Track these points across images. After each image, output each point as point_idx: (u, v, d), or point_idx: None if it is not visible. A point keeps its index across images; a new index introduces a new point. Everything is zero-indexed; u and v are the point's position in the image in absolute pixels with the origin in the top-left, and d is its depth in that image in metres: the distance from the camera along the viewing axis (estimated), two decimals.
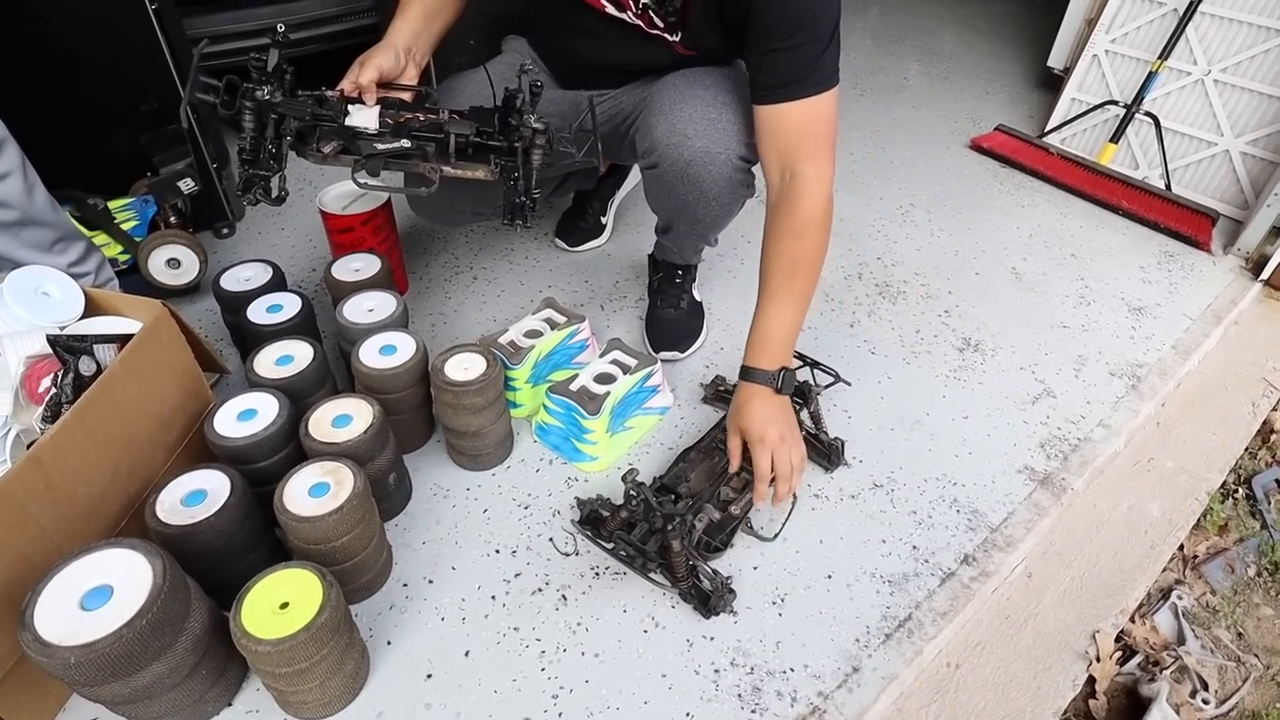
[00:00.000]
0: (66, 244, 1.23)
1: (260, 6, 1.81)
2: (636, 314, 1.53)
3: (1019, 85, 2.66)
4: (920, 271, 1.71)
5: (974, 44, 2.99)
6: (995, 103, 2.52)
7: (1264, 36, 1.85)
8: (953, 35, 3.09)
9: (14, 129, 1.12)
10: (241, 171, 0.98)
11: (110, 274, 1.34)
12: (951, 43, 3.01)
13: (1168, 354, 1.54)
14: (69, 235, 1.23)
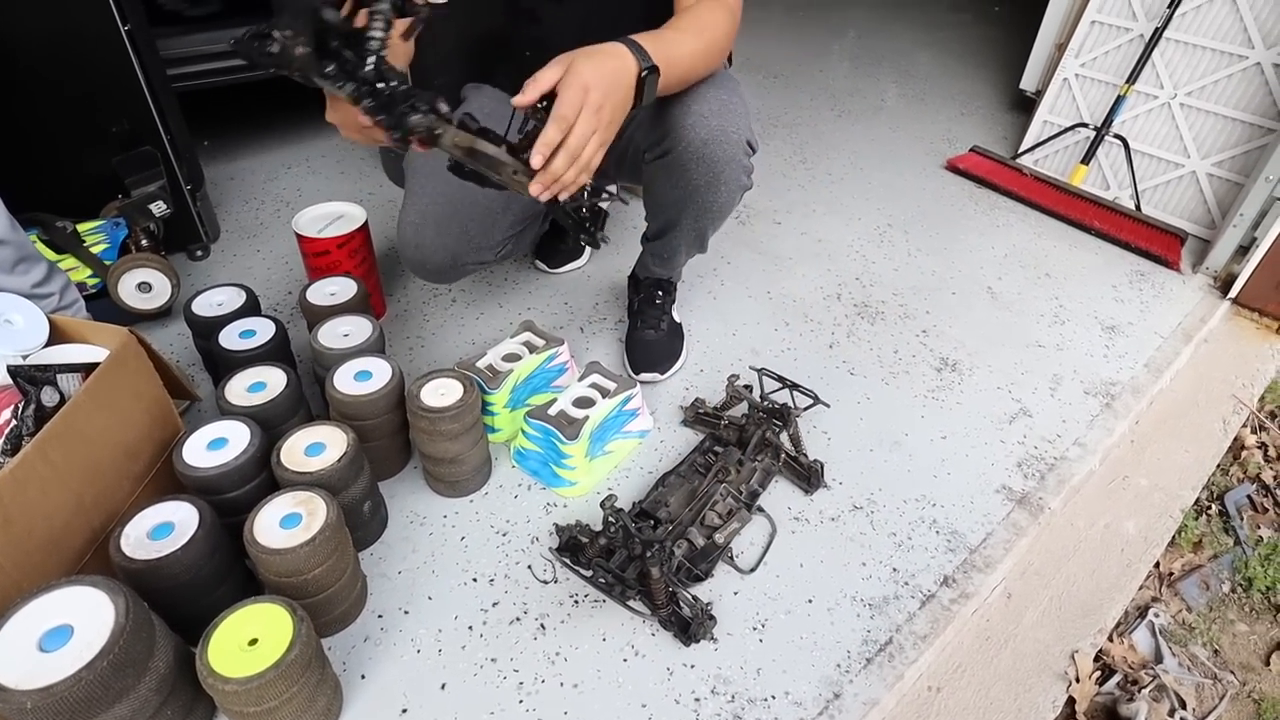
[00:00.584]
0: (29, 264, 1.21)
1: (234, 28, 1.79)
2: (616, 336, 1.53)
3: (993, 107, 2.70)
4: (898, 292, 1.72)
5: (949, 66, 3.04)
6: (970, 124, 2.56)
7: (1227, 62, 1.89)
8: (928, 58, 3.14)
9: None
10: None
11: (76, 295, 1.31)
12: (927, 65, 3.06)
13: (1140, 372, 1.56)
14: (30, 256, 1.21)
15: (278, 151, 2.15)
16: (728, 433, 1.25)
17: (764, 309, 1.64)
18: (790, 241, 1.88)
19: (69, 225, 1.44)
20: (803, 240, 1.88)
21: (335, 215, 1.46)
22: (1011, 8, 3.76)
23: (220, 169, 2.05)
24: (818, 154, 2.29)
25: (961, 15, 3.71)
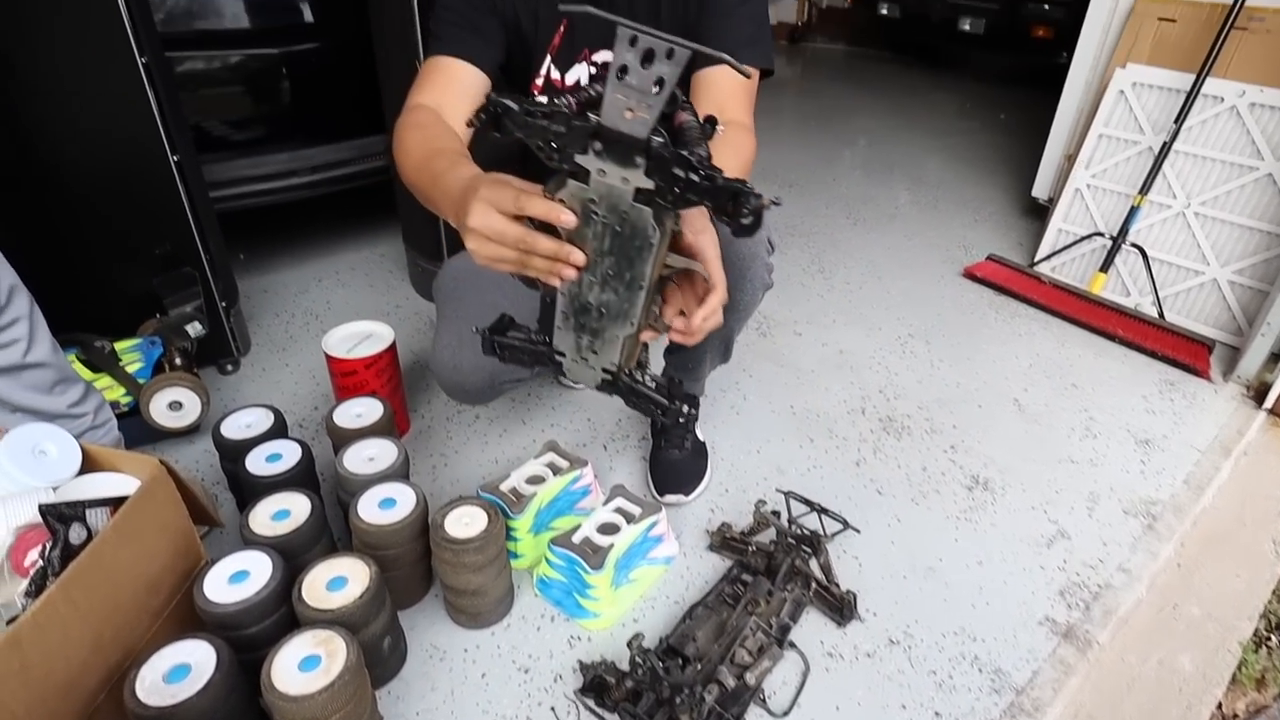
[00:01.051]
0: (66, 385, 1.23)
1: (277, 153, 1.88)
2: (639, 454, 1.52)
3: (1006, 213, 2.75)
4: (923, 405, 1.71)
5: (959, 172, 3.12)
6: (984, 230, 2.60)
7: (1237, 173, 1.92)
8: (938, 164, 3.23)
9: (28, 271, 1.15)
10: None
11: (109, 414, 1.33)
12: (938, 171, 3.14)
13: (1180, 489, 1.52)
14: (68, 378, 1.24)
15: (310, 264, 2.21)
16: (756, 560, 1.22)
17: (788, 424, 1.62)
18: (812, 353, 1.88)
19: (107, 345, 1.47)
20: (824, 352, 1.89)
21: (364, 334, 1.48)
22: (1017, 115, 3.89)
23: (254, 281, 2.11)
24: (835, 262, 2.32)
25: (969, 123, 3.84)
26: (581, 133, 0.66)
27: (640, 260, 0.74)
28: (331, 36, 1.87)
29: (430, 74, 1.07)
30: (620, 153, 0.66)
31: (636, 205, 0.69)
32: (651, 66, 0.60)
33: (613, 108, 0.63)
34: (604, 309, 0.80)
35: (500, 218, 0.72)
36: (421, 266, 1.97)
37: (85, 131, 1.41)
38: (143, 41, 1.39)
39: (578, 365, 0.89)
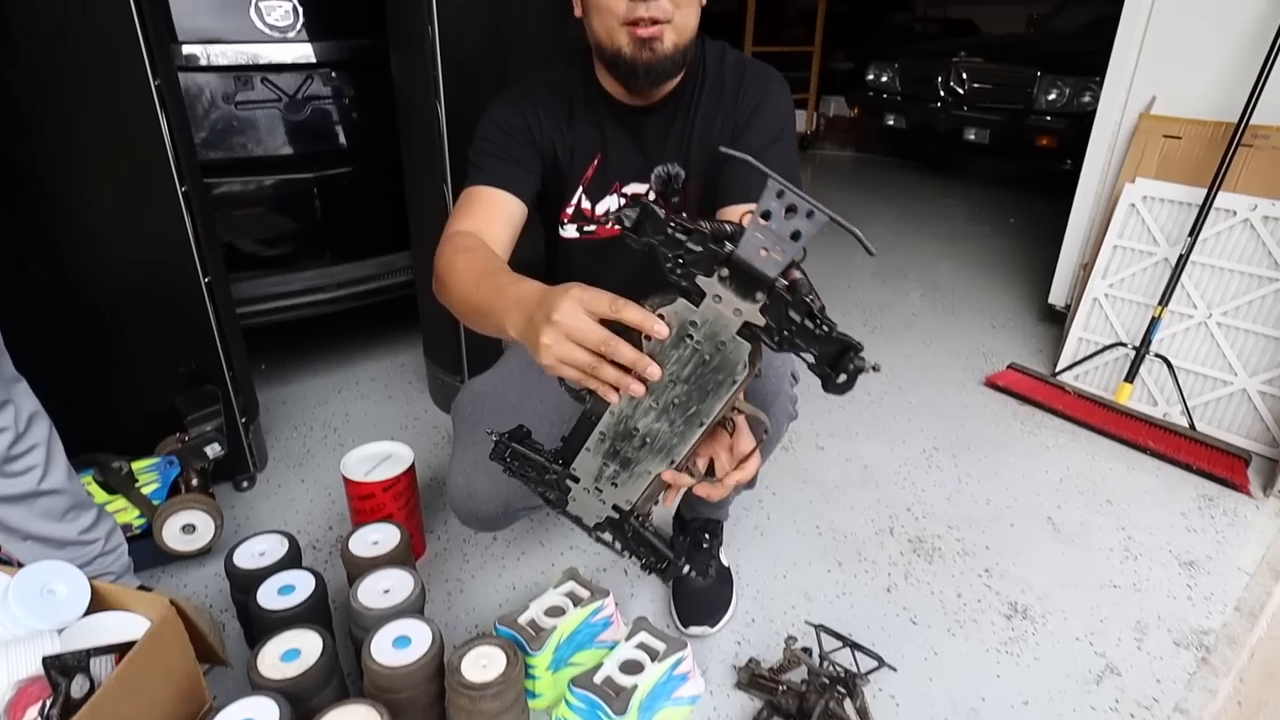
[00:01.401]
0: (78, 512, 1.22)
1: (304, 270, 1.93)
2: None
3: (1023, 318, 2.75)
4: (954, 524, 1.66)
5: (973, 278, 3.15)
6: (1003, 337, 2.60)
7: (1257, 283, 1.92)
8: (951, 269, 3.26)
9: (50, 386, 1.16)
10: None
11: (120, 540, 1.31)
12: (950, 276, 3.17)
13: (1233, 617, 1.44)
14: (81, 503, 1.22)
15: (330, 375, 2.23)
16: (786, 700, 1.15)
17: (814, 546, 1.57)
18: (836, 468, 1.84)
19: (124, 466, 1.46)
20: (848, 467, 1.85)
21: (383, 455, 1.47)
22: (1026, 219, 3.96)
23: (274, 392, 2.12)
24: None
25: (979, 227, 3.91)
26: (714, 257, 0.68)
27: (714, 396, 0.73)
28: (363, 161, 1.94)
29: (471, 202, 1.09)
30: (744, 284, 0.68)
31: (738, 338, 0.70)
32: (792, 219, 0.64)
33: (750, 244, 0.66)
34: (649, 439, 0.78)
35: (587, 318, 0.71)
36: (442, 380, 1.97)
37: (120, 254, 1.45)
38: (184, 171, 1.44)
39: (587, 496, 0.86)
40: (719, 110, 1.14)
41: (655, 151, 1.16)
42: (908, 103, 4.77)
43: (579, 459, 0.84)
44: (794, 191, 0.63)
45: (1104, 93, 2.22)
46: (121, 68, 1.32)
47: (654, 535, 0.87)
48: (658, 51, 1.02)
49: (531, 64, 1.64)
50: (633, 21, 0.99)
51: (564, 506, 0.89)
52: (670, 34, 1.01)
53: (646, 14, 0.98)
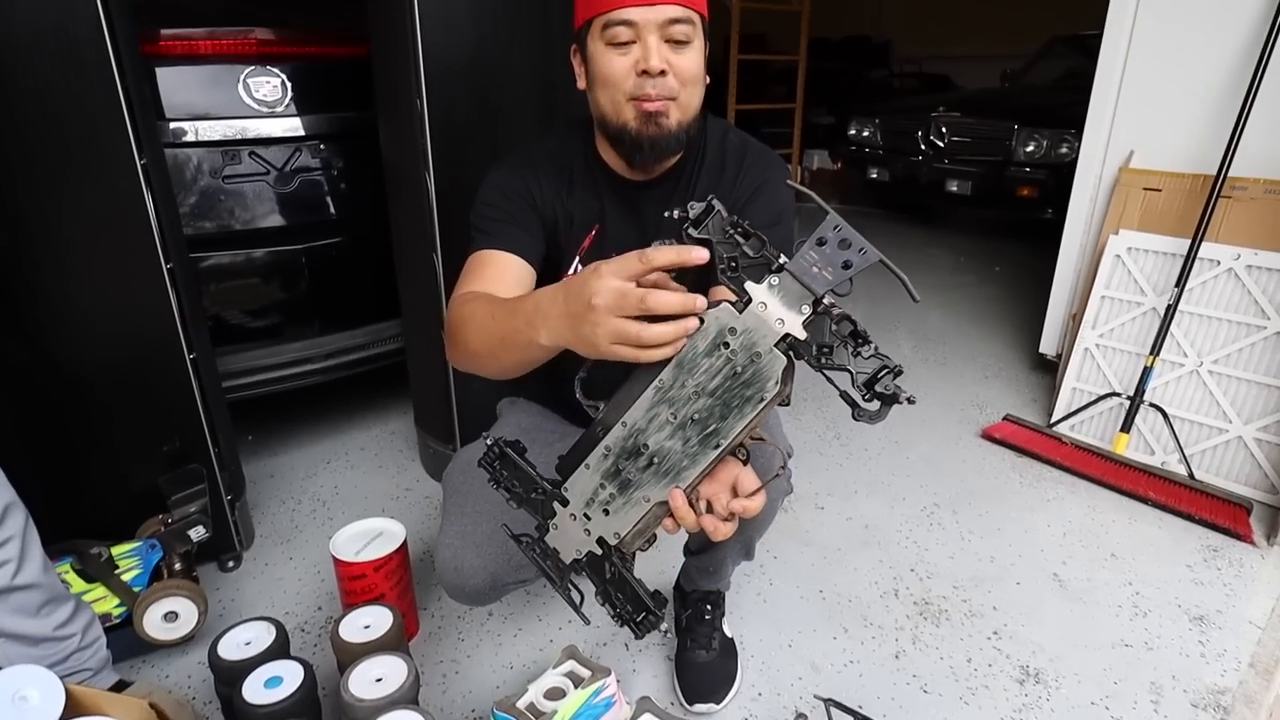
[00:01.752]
0: (54, 606, 1.16)
1: (292, 341, 1.91)
2: (664, 652, 1.42)
3: (1015, 368, 2.75)
4: (959, 584, 1.62)
5: (963, 328, 3.16)
6: (996, 387, 2.59)
7: (1246, 331, 1.93)
8: (940, 319, 3.28)
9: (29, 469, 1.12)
10: None
11: (98, 632, 1.25)
12: (940, 326, 3.18)
13: (1248, 675, 1.41)
14: (57, 597, 1.17)
15: (319, 445, 2.19)
16: None
17: (818, 612, 1.53)
18: (836, 529, 1.81)
19: (104, 552, 1.41)
20: (849, 526, 1.82)
21: (374, 533, 1.43)
22: (1011, 267, 4.01)
23: (261, 465, 2.08)
24: (850, 428, 2.30)
25: (965, 277, 3.94)
26: (767, 264, 0.69)
27: (738, 414, 0.71)
28: (352, 230, 1.94)
29: (479, 266, 1.08)
30: (792, 295, 0.68)
31: (775, 351, 0.69)
32: (844, 252, 0.66)
33: (802, 260, 0.67)
34: (657, 458, 0.75)
35: (624, 285, 0.69)
36: (434, 449, 1.94)
37: (102, 332, 1.42)
38: (169, 247, 1.43)
39: (571, 524, 0.81)
40: (718, 188, 1.14)
41: (653, 227, 1.16)
42: (890, 156, 4.86)
43: (575, 476, 0.79)
44: (849, 229, 0.65)
45: (1083, 147, 2.26)
46: (107, 146, 1.32)
47: (635, 579, 0.81)
48: (663, 127, 1.02)
49: (520, 132, 1.65)
50: (639, 97, 1.00)
51: (542, 536, 0.83)
52: (675, 111, 1.02)
53: (654, 90, 0.99)
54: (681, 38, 0.99)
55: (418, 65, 1.51)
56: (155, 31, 1.65)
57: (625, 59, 0.99)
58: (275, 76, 1.78)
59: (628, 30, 0.98)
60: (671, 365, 0.72)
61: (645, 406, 0.74)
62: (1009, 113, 4.30)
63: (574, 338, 0.74)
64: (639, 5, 0.96)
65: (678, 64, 1.00)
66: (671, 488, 0.75)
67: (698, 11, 1.01)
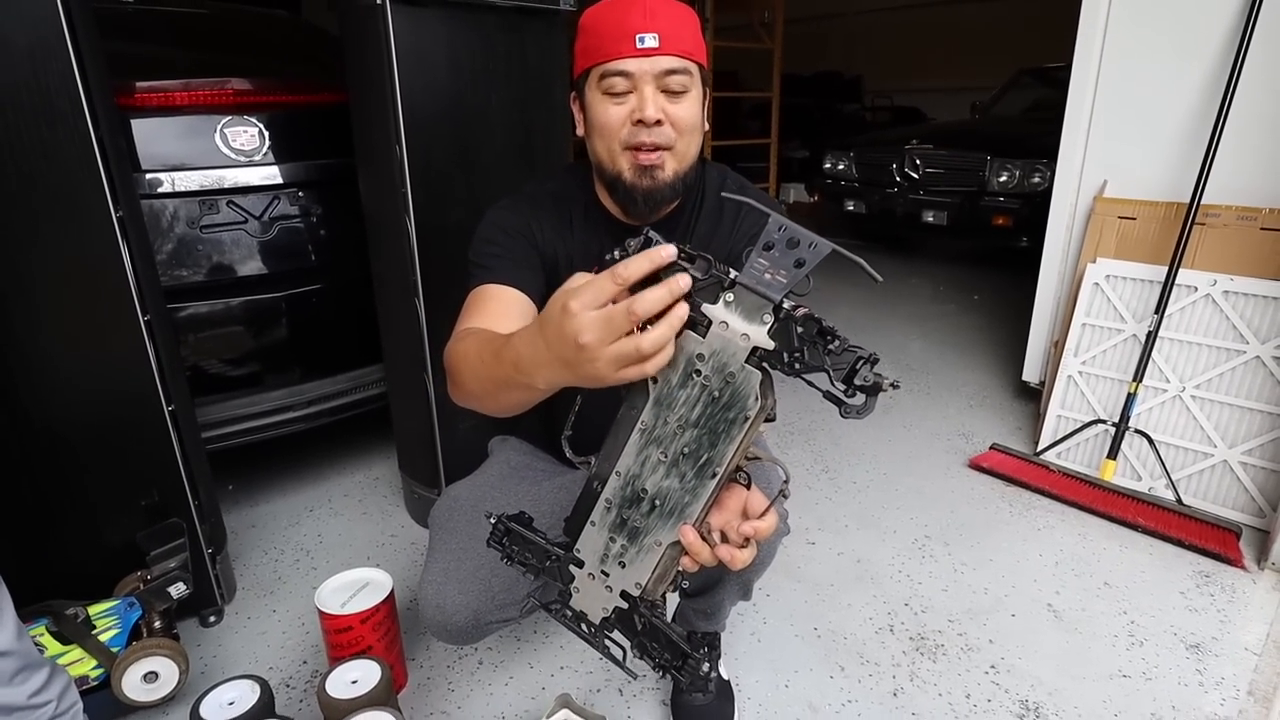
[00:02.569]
0: (29, 673, 1.12)
1: (273, 390, 1.88)
2: (659, 697, 1.39)
3: (999, 395, 2.77)
4: (954, 618, 1.61)
5: (945, 357, 3.18)
6: (981, 416, 2.60)
7: (1226, 356, 1.96)
8: (922, 349, 3.30)
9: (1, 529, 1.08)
10: None
11: (74, 698, 1.20)
12: (922, 356, 3.20)
13: (1247, 703, 1.40)
14: (31, 663, 1.13)
15: (301, 493, 2.15)
16: None
17: (814, 651, 1.51)
18: (828, 564, 1.80)
19: (80, 612, 1.37)
20: (841, 561, 1.80)
21: (360, 584, 1.40)
22: (990, 294, 4.05)
23: (242, 516, 2.04)
24: (839, 461, 2.29)
25: (945, 306, 3.98)
26: (718, 282, 0.66)
27: (726, 438, 0.69)
28: (332, 277, 1.93)
29: (479, 301, 1.05)
30: (750, 307, 0.65)
31: (747, 367, 0.67)
32: (795, 250, 0.63)
33: (753, 269, 0.65)
34: (659, 500, 0.73)
35: (604, 313, 0.65)
36: (418, 494, 1.91)
37: (78, 386, 1.39)
38: (146, 299, 1.41)
39: (592, 584, 0.79)
40: (715, 234, 1.14)
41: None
42: (865, 188, 4.94)
43: (583, 536, 0.78)
44: (796, 227, 0.63)
45: (1057, 177, 2.30)
46: (82, 198, 1.30)
47: (667, 626, 0.79)
48: (658, 179, 1.02)
49: (499, 178, 1.66)
50: (634, 146, 1.00)
51: (567, 601, 0.82)
52: (671, 161, 1.02)
53: (649, 139, 0.99)
54: (678, 88, 1.00)
55: (396, 113, 1.52)
56: (130, 84, 1.65)
57: (621, 109, 1.00)
58: (253, 126, 1.78)
59: (624, 81, 0.98)
60: (650, 405, 0.71)
61: (635, 451, 0.73)
62: (981, 144, 4.39)
63: (575, 378, 0.71)
64: (635, 57, 0.97)
65: (674, 114, 1.00)
66: (680, 526, 0.73)
67: (695, 61, 1.02)
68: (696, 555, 0.74)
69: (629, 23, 0.97)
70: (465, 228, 1.18)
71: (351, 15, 1.56)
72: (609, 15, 1.00)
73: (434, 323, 1.67)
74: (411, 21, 1.49)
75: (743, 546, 0.74)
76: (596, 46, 1.00)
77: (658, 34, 0.97)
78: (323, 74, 1.98)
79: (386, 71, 1.50)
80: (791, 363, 0.65)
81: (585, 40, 1.02)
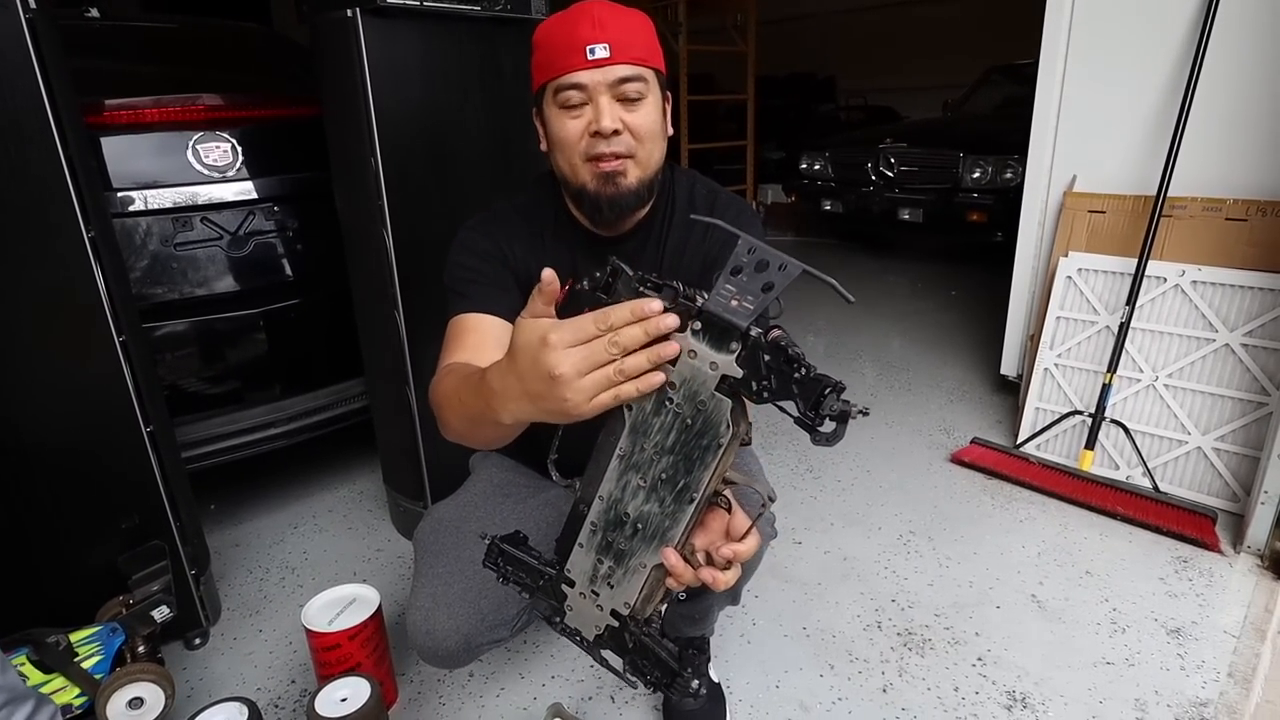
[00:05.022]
0: (12, 708, 1.10)
1: (253, 407, 1.87)
2: (650, 703, 1.39)
3: (978, 389, 2.80)
4: (940, 612, 1.62)
5: (924, 354, 3.21)
6: (961, 410, 2.63)
7: (1197, 345, 1.99)
8: (901, 345, 3.34)
9: None
10: None
11: None
12: (902, 353, 3.24)
13: (1227, 685, 1.42)
14: (16, 697, 1.11)
15: (285, 509, 2.13)
16: None
17: (803, 650, 1.52)
18: (815, 562, 1.81)
19: (62, 640, 1.35)
20: (827, 560, 1.82)
21: (347, 600, 1.39)
22: (967, 289, 4.10)
23: (225, 535, 2.02)
24: (822, 460, 2.31)
25: (923, 302, 4.02)
26: (685, 310, 0.65)
27: (701, 465, 0.69)
28: (310, 291, 1.92)
29: (459, 334, 1.05)
30: (717, 335, 0.65)
31: (717, 395, 0.66)
32: (764, 274, 0.63)
33: (720, 296, 0.64)
34: (640, 524, 0.73)
35: (579, 347, 0.66)
36: (404, 507, 1.90)
37: (54, 409, 1.37)
38: (121, 320, 1.40)
39: (584, 602, 0.80)
40: (688, 244, 1.15)
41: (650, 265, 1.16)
42: (842, 188, 4.97)
43: (573, 557, 0.79)
44: (765, 248, 0.62)
45: (1027, 174, 2.34)
46: (52, 219, 1.29)
47: (657, 644, 0.80)
48: (620, 186, 1.02)
49: (476, 187, 1.66)
50: (595, 158, 1.00)
51: (562, 618, 0.83)
52: (634, 169, 1.03)
53: (609, 149, 0.99)
54: (634, 95, 0.99)
55: (370, 124, 1.52)
56: (99, 102, 1.63)
57: (579, 121, 1.00)
58: (225, 141, 1.77)
59: (579, 93, 0.99)
60: (627, 432, 0.71)
61: (615, 477, 0.73)
62: (954, 141, 4.44)
63: (542, 413, 0.71)
64: (587, 68, 0.97)
65: (632, 121, 1.00)
66: (662, 549, 0.73)
67: (650, 67, 1.02)
68: (679, 577, 0.74)
69: (579, 35, 0.97)
70: (443, 239, 1.17)
71: (323, 27, 1.55)
72: (559, 29, 1.00)
73: (414, 335, 1.66)
74: (383, 33, 1.49)
75: (725, 568, 0.74)
76: (549, 61, 1.00)
77: (608, 44, 0.97)
78: (295, 87, 1.97)
79: (359, 83, 1.49)
80: (760, 391, 0.65)
81: (539, 55, 1.02)
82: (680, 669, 0.79)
